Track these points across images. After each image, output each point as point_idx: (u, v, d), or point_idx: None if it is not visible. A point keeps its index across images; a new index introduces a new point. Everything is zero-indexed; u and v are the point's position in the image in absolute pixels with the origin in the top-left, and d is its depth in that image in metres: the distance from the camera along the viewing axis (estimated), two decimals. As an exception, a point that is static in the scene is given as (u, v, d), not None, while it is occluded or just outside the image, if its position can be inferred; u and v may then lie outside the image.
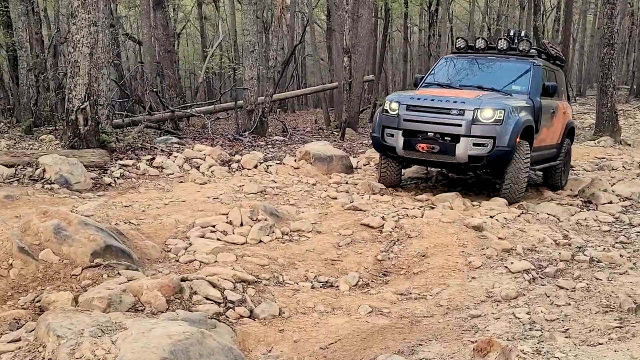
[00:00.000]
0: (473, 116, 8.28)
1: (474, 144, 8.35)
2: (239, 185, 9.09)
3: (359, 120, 19.75)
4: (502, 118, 8.26)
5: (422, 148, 8.52)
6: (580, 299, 5.01)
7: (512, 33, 10.25)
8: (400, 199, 8.71)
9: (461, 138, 8.32)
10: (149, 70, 20.30)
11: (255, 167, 10.59)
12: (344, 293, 5.48)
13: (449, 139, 8.41)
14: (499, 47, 9.88)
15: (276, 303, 4.94)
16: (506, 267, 5.84)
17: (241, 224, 6.87)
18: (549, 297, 5.07)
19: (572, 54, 39.32)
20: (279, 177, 9.93)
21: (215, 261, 5.75)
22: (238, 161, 10.88)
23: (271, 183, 9.40)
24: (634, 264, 5.99)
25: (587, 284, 5.31)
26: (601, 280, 5.41)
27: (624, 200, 8.77)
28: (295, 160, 10.89)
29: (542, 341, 4.17)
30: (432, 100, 8.60)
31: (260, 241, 6.59)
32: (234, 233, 6.66)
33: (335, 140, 15.51)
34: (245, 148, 13.12)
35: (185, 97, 22.86)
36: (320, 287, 5.61)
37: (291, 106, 32.75)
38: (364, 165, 11.69)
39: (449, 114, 8.42)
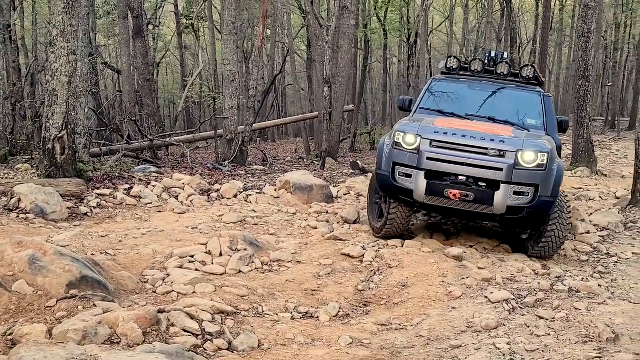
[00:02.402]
0: (515, 159, 6.96)
1: (515, 193, 6.98)
2: (218, 215, 9.03)
3: (339, 150, 19.81)
4: (545, 163, 6.99)
5: (454, 195, 6.97)
6: (560, 329, 5.00)
7: (492, 54, 9.23)
8: (380, 228, 8.68)
9: (501, 185, 6.94)
10: (128, 99, 20.28)
11: (235, 196, 10.53)
12: (324, 324, 5.41)
13: (485, 185, 7.02)
14: (499, 72, 8.81)
15: (255, 335, 4.86)
16: (486, 297, 5.82)
17: (220, 254, 6.81)
18: (529, 327, 5.05)
19: (549, 85, 40.02)
20: (259, 206, 9.87)
21: (194, 292, 5.66)
22: (217, 190, 10.82)
23: (251, 212, 9.34)
24: (612, 293, 6.00)
25: (566, 314, 5.31)
26: (580, 310, 5.41)
27: (601, 230, 8.82)
28: (275, 190, 10.85)
29: (523, 372, 4.14)
30: (464, 136, 7.08)
31: (240, 271, 6.52)
32: (213, 263, 6.59)
33: (315, 170, 15.51)
34: (225, 177, 13.06)
35: (165, 126, 22.82)
36: (301, 318, 5.54)
37: (271, 135, 32.79)
38: (345, 194, 11.67)
39: (486, 154, 7.00)
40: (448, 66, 8.92)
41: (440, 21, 41.04)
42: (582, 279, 6.60)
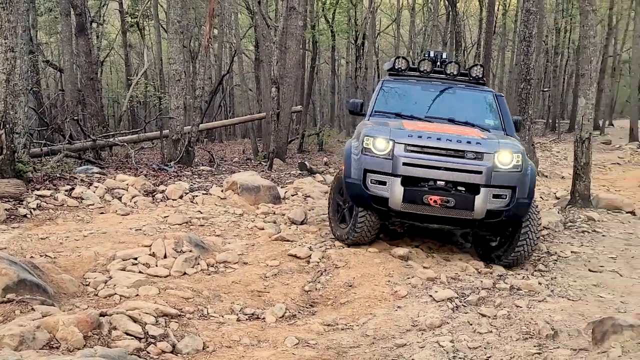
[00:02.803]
0: (493, 161, 6.76)
1: (494, 196, 6.77)
2: (163, 216, 8.88)
3: (287, 151, 19.78)
4: (520, 164, 6.85)
5: (435, 202, 6.65)
6: (502, 326, 5.10)
7: (432, 54, 9.03)
8: (327, 229, 8.69)
9: (481, 188, 6.71)
10: (70, 98, 19.77)
11: (181, 197, 10.39)
12: (271, 325, 5.39)
13: (464, 189, 6.77)
14: (448, 72, 8.62)
15: (200, 337, 4.81)
16: (431, 295, 5.90)
17: (165, 256, 6.70)
18: (471, 325, 5.14)
19: (492, 88, 40.86)
20: (205, 207, 9.76)
21: (137, 295, 5.56)
22: (163, 191, 10.64)
23: (197, 214, 9.23)
24: (552, 291, 6.16)
25: (507, 312, 5.42)
26: (521, 307, 5.53)
27: (542, 230, 9.05)
28: (222, 191, 10.75)
29: (466, 369, 4.21)
30: (439, 139, 6.81)
31: (185, 273, 6.44)
32: (157, 265, 6.48)
33: (263, 171, 15.44)
34: (170, 178, 12.87)
35: (108, 125, 22.33)
36: (246, 319, 5.51)
37: (219, 136, 32.50)
38: (292, 195, 11.65)
39: (463, 157, 6.76)
40: (396, 67, 8.68)
41: (388, 24, 41.48)
42: (523, 277, 6.76)
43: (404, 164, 6.76)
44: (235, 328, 5.16)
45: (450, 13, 26.49)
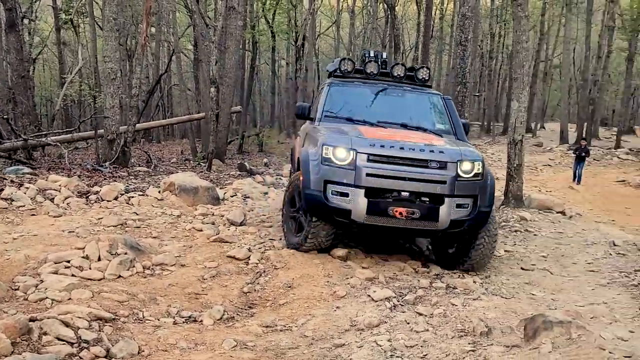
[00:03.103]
0: (456, 170, 6.58)
1: (457, 206, 6.61)
2: (97, 218, 8.65)
3: (227, 152, 19.63)
4: (481, 171, 6.75)
5: (400, 214, 6.44)
6: (438, 324, 5.18)
7: (372, 54, 8.90)
8: (267, 230, 8.66)
9: (445, 199, 6.53)
10: (0, 97, 19.03)
11: (116, 198, 10.14)
12: (208, 328, 5.32)
13: (428, 200, 6.55)
14: (395, 74, 8.46)
15: (135, 341, 4.69)
16: (369, 295, 5.94)
17: (99, 259, 6.52)
18: (409, 323, 5.20)
19: (430, 91, 41.60)
20: (142, 208, 9.56)
21: (69, 299, 5.39)
22: (97, 193, 10.37)
23: (133, 215, 9.03)
24: (486, 289, 6.30)
25: (444, 310, 5.51)
26: (457, 305, 5.63)
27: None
28: (159, 192, 10.56)
29: (403, 368, 4.25)
30: (402, 148, 6.56)
31: (120, 276, 6.28)
32: (90, 268, 6.30)
33: (202, 172, 15.27)
34: (105, 179, 12.56)
35: (41, 125, 21.64)
36: (183, 322, 5.41)
37: (156, 136, 31.95)
38: (231, 196, 11.56)
39: (427, 167, 6.54)
40: (342, 69, 8.44)
41: (328, 25, 41.69)
42: (459, 276, 6.89)
43: (368, 174, 6.46)
44: (171, 331, 5.06)
45: (389, 16, 26.83)
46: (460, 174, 6.57)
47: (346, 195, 6.53)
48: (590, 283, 6.68)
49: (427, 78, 8.50)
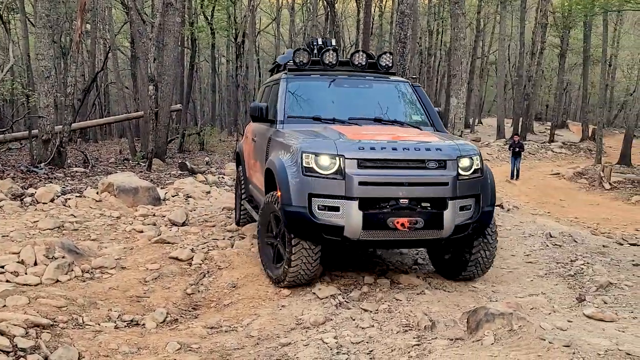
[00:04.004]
0: (456, 169, 5.77)
1: (460, 208, 5.80)
2: (32, 221, 8.36)
3: (167, 151, 19.32)
4: (480, 167, 6.00)
5: (402, 225, 5.54)
6: (383, 320, 5.22)
7: (319, 41, 7.99)
8: (210, 230, 8.56)
9: (448, 202, 5.69)
10: None
11: (52, 200, 9.84)
12: (151, 331, 5.21)
13: (429, 205, 5.70)
14: (356, 62, 7.63)
15: (75, 347, 4.56)
16: (314, 293, 5.93)
17: (35, 263, 6.32)
18: (354, 320, 5.22)
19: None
20: (79, 210, 9.30)
21: (4, 306, 5.19)
22: (32, 195, 10.04)
23: (70, 217, 8.77)
24: (429, 284, 6.38)
25: (388, 306, 5.55)
26: (401, 301, 5.69)
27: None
28: (97, 193, 10.30)
29: (349, 364, 4.27)
30: (395, 149, 5.72)
31: (58, 281, 6.10)
32: (26, 273, 6.10)
33: (141, 171, 14.97)
34: (40, 181, 12.18)
35: (-30, 125, 20.80)
36: (125, 326, 5.30)
37: (93, 136, 31.16)
38: (173, 196, 11.38)
39: (425, 167, 5.71)
40: (297, 61, 7.43)
41: (268, 22, 41.54)
42: (403, 271, 6.95)
43: (361, 183, 5.55)
44: (113, 336, 4.94)
45: (329, 13, 26.92)
46: (461, 172, 5.79)
47: (336, 209, 5.58)
48: (529, 274, 6.86)
49: (390, 65, 7.70)
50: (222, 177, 14.87)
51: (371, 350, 4.52)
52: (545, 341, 3.89)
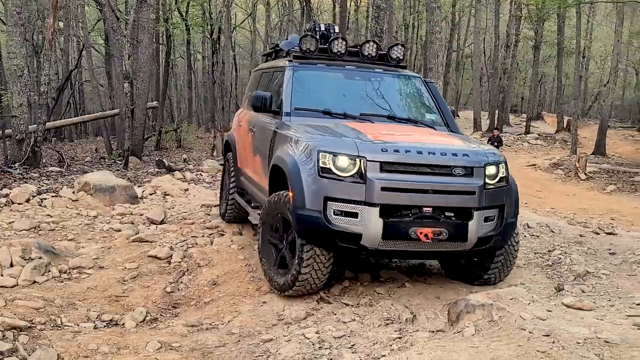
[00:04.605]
0: (484, 177, 5.39)
1: (485, 220, 5.44)
2: (8, 222, 8.24)
3: (144, 148, 19.16)
4: (505, 175, 5.62)
5: (426, 236, 5.14)
6: (364, 314, 5.23)
7: (322, 27, 7.50)
8: (189, 227, 8.49)
9: (474, 213, 5.32)
10: None
11: (28, 201, 9.69)
12: (131, 331, 5.18)
13: (453, 215, 5.33)
14: (366, 53, 7.07)
15: (54, 349, 4.50)
16: (295, 288, 5.92)
17: (11, 265, 6.24)
18: (335, 314, 5.22)
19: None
20: (55, 210, 9.18)
21: (-20, 309, 5.11)
22: (7, 195, 9.88)
23: (46, 218, 8.65)
24: (410, 277, 6.40)
25: (369, 299, 5.56)
26: (382, 294, 5.70)
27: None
28: (73, 192, 10.17)
29: (331, 359, 4.27)
30: (420, 152, 5.26)
31: (35, 282, 6.03)
32: (2, 275, 6.03)
33: (118, 170, 14.82)
34: (15, 181, 12.01)
35: (-58, 126, 20.41)
36: (104, 326, 5.25)
37: (69, 135, 30.79)
38: (150, 194, 11.27)
39: (451, 174, 5.31)
40: (304, 48, 6.86)
41: (243, 18, 41.33)
42: (383, 264, 6.97)
43: (384, 188, 5.12)
44: (92, 336, 4.89)
45: (305, 8, 26.87)
46: (487, 180, 5.41)
47: (354, 215, 5.15)
48: (507, 265, 6.91)
49: (401, 57, 7.22)
50: (200, 174, 14.78)
51: (353, 345, 4.52)
52: (526, 331, 3.92)
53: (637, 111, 43.10)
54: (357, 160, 5.16)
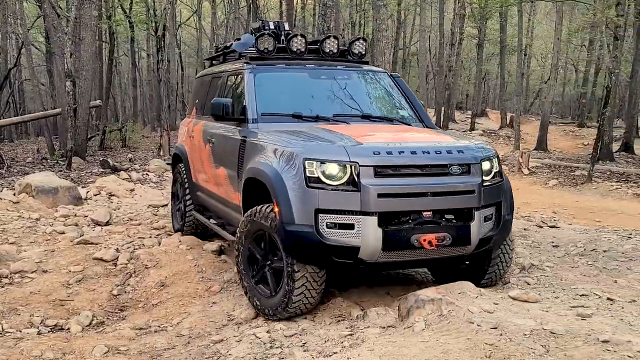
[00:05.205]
0: (480, 173, 5.07)
1: (485, 219, 5.13)
2: (-56, 227, 7.95)
3: (88, 148, 18.73)
4: (499, 170, 5.36)
5: (429, 242, 4.76)
6: (315, 311, 5.22)
7: (272, 25, 6.99)
8: (135, 228, 8.34)
9: (475, 213, 5.00)
10: None
11: (-35, 204, 9.36)
12: (77, 335, 5.05)
13: (453, 217, 4.99)
14: (327, 50, 6.66)
15: (-6, 357, 4.35)
16: (245, 288, 5.88)
17: (-52, 271, 5.99)
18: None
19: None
20: (-5, 213, 8.88)
21: None
22: (-57, 199, 9.52)
23: (-15, 221, 8.37)
24: (360, 273, 6.44)
25: (321, 297, 5.56)
26: (333, 291, 5.71)
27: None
28: (14, 194, 9.88)
29: (282, 358, 4.25)
30: (414, 152, 4.92)
31: (-27, 288, 5.81)
32: (-62, 282, 5.78)
33: (61, 171, 14.45)
34: (-48, 183, 11.57)
35: None
36: (49, 332, 5.12)
37: (9, 135, 29.83)
38: (95, 195, 11.04)
39: (448, 174, 4.97)
40: (262, 48, 6.43)
41: (189, 15, 40.80)
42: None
43: (380, 195, 4.71)
44: (36, 342, 4.75)
45: (252, 5, 26.73)
46: (484, 177, 5.11)
47: (350, 227, 4.71)
48: (455, 259, 7.01)
49: (364, 52, 6.87)
50: (147, 174, 14.55)
51: (305, 343, 4.51)
52: (474, 324, 3.98)
53: (576, 107, 44.41)
54: (348, 166, 4.72)
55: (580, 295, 4.95)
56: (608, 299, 4.82)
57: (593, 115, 37.39)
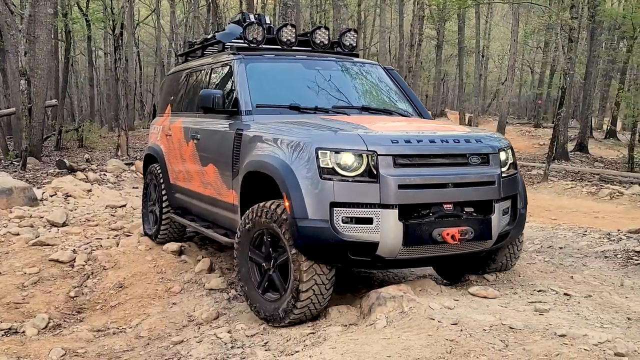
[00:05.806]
0: (499, 163, 4.89)
1: (503, 212, 4.95)
2: None
3: (43, 149, 18.33)
4: (514, 161, 5.19)
5: (452, 237, 4.52)
6: (278, 310, 5.20)
7: (252, 18, 6.71)
8: (93, 229, 8.19)
9: (495, 205, 4.79)
10: None
11: None
12: (32, 338, 4.95)
13: (473, 210, 4.75)
14: (317, 42, 6.45)
15: (-54, 363, 4.23)
16: (206, 288, 5.84)
17: None
18: (248, 313, 5.18)
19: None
20: (-54, 215, 8.63)
21: None
22: None
23: None
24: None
25: (283, 296, 5.55)
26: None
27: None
28: (-34, 196, 9.59)
29: (244, 358, 4.23)
30: (432, 141, 4.70)
31: None
32: None
33: (15, 171, 14.10)
34: None
35: None
36: (3, 335, 5.01)
37: (-40, 135, 29.04)
38: (51, 196, 10.79)
39: (468, 164, 4.74)
40: (250, 38, 6.17)
41: (147, 14, 40.33)
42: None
43: (401, 186, 4.43)
44: (-11, 347, 4.63)
45: (211, 5, 26.52)
46: (502, 167, 4.92)
47: (369, 221, 4.42)
48: (415, 257, 7.08)
49: (354, 44, 6.70)
50: (104, 174, 14.30)
51: (266, 342, 4.50)
52: (435, 320, 4.02)
53: (532, 108, 45.30)
54: (365, 155, 4.42)
55: (538, 291, 5.04)
56: (565, 294, 4.91)
57: (549, 115, 38.23)
